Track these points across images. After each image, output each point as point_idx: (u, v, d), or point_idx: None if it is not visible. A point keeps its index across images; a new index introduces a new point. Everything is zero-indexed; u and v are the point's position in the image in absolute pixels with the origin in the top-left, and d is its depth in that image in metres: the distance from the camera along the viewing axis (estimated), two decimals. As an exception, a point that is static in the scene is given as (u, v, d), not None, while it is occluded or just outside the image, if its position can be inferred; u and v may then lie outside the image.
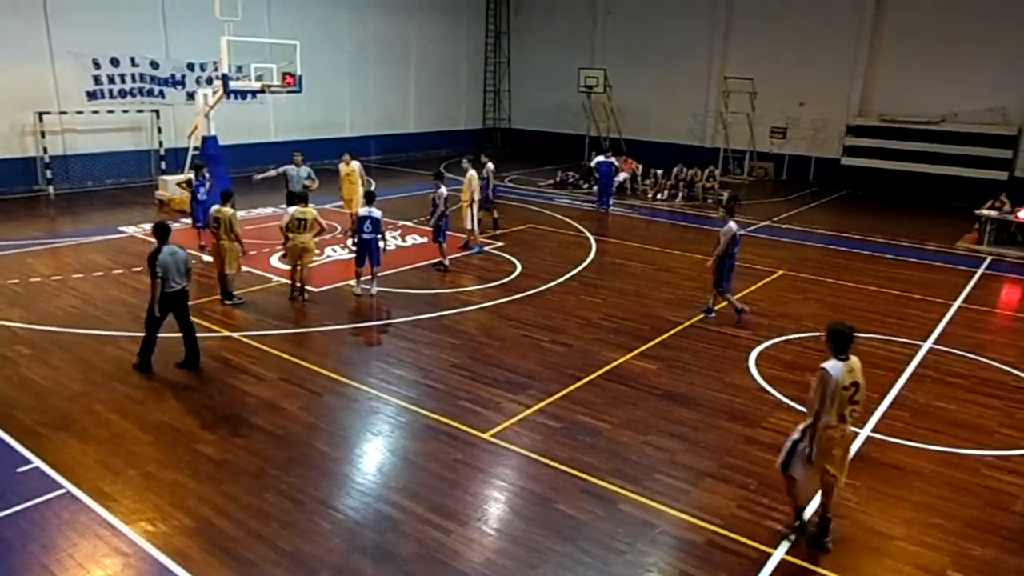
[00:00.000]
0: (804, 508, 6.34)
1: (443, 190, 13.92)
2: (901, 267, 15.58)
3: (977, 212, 17.95)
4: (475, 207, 15.16)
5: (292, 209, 11.93)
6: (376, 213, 11.82)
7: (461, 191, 15.35)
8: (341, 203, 16.43)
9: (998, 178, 22.31)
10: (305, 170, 15.33)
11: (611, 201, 20.87)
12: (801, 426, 6.07)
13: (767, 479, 7.05)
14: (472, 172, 15.17)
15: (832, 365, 5.86)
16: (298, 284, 11.91)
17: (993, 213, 17.61)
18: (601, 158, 20.77)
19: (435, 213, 13.86)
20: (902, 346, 10.82)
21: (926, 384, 9.53)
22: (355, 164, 15.98)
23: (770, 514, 6.52)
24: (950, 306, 12.87)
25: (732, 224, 11.28)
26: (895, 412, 8.68)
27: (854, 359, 5.97)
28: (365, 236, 11.76)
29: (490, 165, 16.67)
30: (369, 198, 12.05)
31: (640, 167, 24.02)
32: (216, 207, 11.37)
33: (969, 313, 12.61)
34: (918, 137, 24.00)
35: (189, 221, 15.01)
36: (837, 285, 13.95)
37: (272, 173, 15.73)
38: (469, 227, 15.23)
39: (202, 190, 14.24)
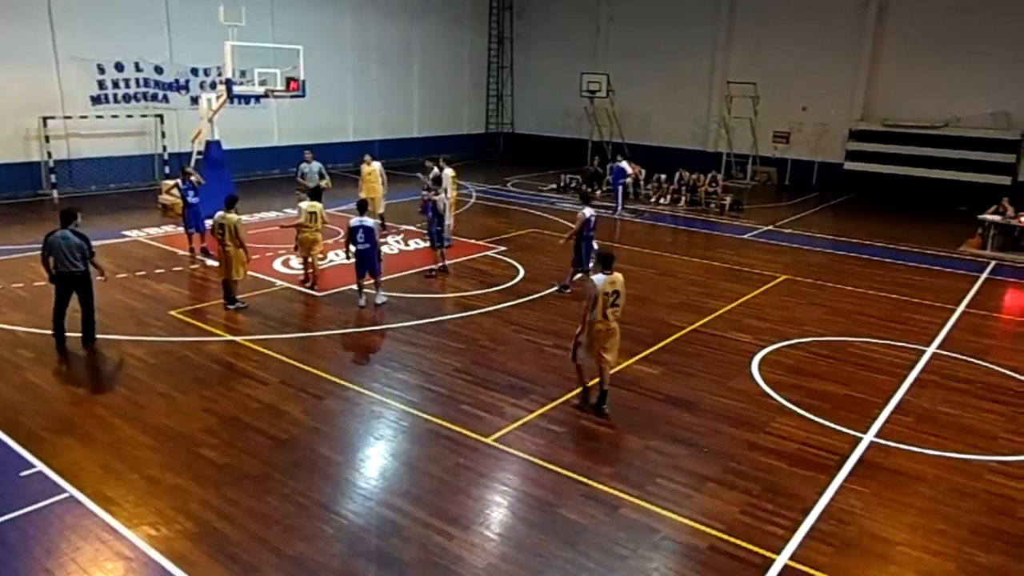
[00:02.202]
0: (587, 385, 8.60)
1: (443, 195, 14.03)
2: (904, 272, 15.55)
3: (980, 217, 17.93)
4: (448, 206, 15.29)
5: (304, 205, 12.49)
6: (368, 222, 11.53)
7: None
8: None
9: (1001, 183, 22.31)
10: (316, 165, 16.53)
11: (619, 206, 20.80)
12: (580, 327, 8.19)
13: (771, 484, 7.04)
14: (448, 171, 15.30)
15: (597, 277, 8.04)
16: (310, 272, 12.70)
17: (996, 218, 17.58)
18: (615, 163, 21.23)
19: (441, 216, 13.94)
20: (905, 351, 10.80)
21: (930, 389, 9.50)
22: (376, 165, 16.64)
23: (773, 519, 6.50)
24: (954, 311, 12.84)
25: (587, 210, 12.36)
26: (899, 417, 8.65)
27: (617, 275, 8.14)
28: (359, 247, 11.43)
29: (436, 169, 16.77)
30: (361, 207, 11.91)
31: (643, 171, 24.00)
32: (220, 213, 11.31)
33: (973, 318, 12.58)
34: (921, 142, 23.96)
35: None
36: (840, 290, 13.91)
37: (300, 178, 16.47)
38: (449, 223, 15.29)
39: (191, 194, 14.12)
